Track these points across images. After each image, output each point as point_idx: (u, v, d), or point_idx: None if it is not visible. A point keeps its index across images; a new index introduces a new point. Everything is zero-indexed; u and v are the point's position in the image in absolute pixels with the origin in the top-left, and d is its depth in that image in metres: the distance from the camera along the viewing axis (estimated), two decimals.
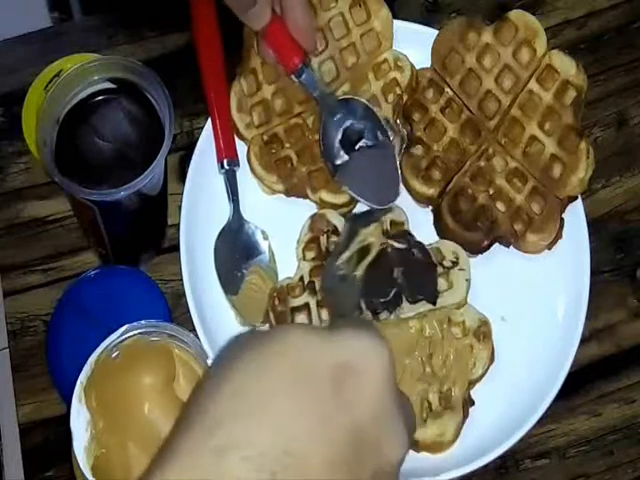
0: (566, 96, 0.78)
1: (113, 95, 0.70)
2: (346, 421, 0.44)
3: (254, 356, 0.45)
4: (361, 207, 0.77)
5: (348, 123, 0.76)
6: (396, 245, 0.74)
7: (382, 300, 0.73)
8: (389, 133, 0.77)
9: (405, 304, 0.73)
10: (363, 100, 0.77)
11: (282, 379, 0.44)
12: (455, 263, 0.74)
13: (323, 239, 0.75)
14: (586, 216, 0.78)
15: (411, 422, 0.48)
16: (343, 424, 0.43)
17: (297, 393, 0.44)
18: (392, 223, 0.75)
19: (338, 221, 0.75)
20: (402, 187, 0.78)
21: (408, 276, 0.74)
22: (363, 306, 0.73)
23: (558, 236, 0.77)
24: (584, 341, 0.75)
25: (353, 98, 0.77)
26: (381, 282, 0.73)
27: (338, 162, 0.76)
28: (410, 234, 0.75)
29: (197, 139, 0.78)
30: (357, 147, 0.76)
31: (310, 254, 0.75)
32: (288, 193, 0.77)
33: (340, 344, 0.45)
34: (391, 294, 0.73)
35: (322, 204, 0.77)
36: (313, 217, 0.76)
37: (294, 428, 0.43)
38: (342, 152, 0.76)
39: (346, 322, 0.48)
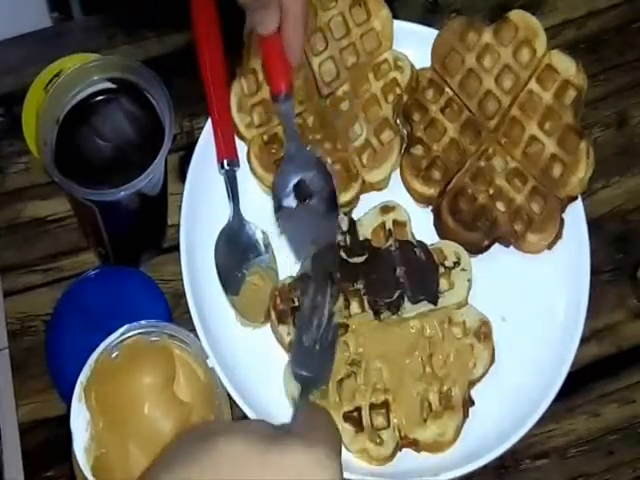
0: (566, 96, 0.78)
1: (113, 95, 0.70)
2: None
3: (186, 465, 0.44)
4: (362, 207, 0.77)
5: (306, 176, 0.74)
6: (399, 245, 0.74)
7: (387, 301, 0.73)
8: (338, 212, 0.75)
9: (406, 304, 0.73)
10: (328, 166, 0.75)
11: None
12: (457, 263, 0.74)
13: None
14: (586, 216, 0.77)
15: None
16: None
17: None
18: (395, 223, 0.75)
19: (340, 220, 0.75)
20: (402, 187, 0.78)
21: (410, 276, 0.73)
22: (367, 306, 0.73)
23: (558, 236, 0.77)
24: (584, 341, 0.75)
25: (320, 158, 0.75)
26: (384, 282, 0.73)
27: (285, 204, 0.74)
28: (412, 234, 0.75)
29: (197, 139, 0.78)
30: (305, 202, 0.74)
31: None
32: None
33: (283, 463, 0.43)
34: (395, 295, 0.73)
35: None
36: None
37: None
38: (292, 196, 0.74)
39: (298, 424, 0.47)
